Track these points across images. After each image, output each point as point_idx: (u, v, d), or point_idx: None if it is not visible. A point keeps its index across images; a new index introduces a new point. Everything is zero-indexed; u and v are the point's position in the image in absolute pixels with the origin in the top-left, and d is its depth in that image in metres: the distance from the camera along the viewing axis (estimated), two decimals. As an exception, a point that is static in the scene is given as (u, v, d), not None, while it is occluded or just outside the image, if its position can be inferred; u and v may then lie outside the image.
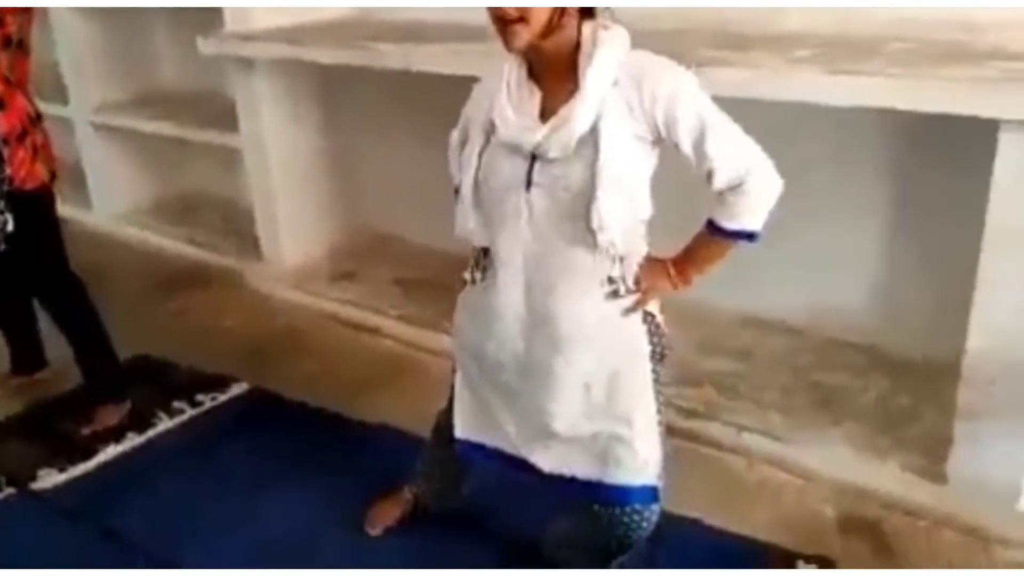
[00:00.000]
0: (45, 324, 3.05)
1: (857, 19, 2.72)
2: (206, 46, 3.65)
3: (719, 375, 2.94)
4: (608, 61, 1.63)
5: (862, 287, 3.00)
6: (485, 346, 1.89)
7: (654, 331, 1.85)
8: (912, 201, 2.82)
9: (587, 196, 1.64)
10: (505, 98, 1.73)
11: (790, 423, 2.70)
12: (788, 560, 2.25)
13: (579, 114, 1.63)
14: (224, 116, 3.95)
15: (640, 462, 1.87)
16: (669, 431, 2.63)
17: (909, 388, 2.79)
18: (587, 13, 1.68)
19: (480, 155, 1.78)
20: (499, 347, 1.87)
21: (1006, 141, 2.04)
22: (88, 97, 4.57)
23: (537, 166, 1.70)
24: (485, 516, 2.42)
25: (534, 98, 1.72)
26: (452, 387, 2.13)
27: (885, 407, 2.74)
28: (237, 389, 3.13)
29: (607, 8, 1.71)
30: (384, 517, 2.40)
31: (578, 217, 1.67)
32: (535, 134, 1.67)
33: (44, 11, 4.14)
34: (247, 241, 4.12)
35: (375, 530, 2.39)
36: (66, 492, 2.64)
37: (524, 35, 1.60)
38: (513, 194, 1.73)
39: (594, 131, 1.63)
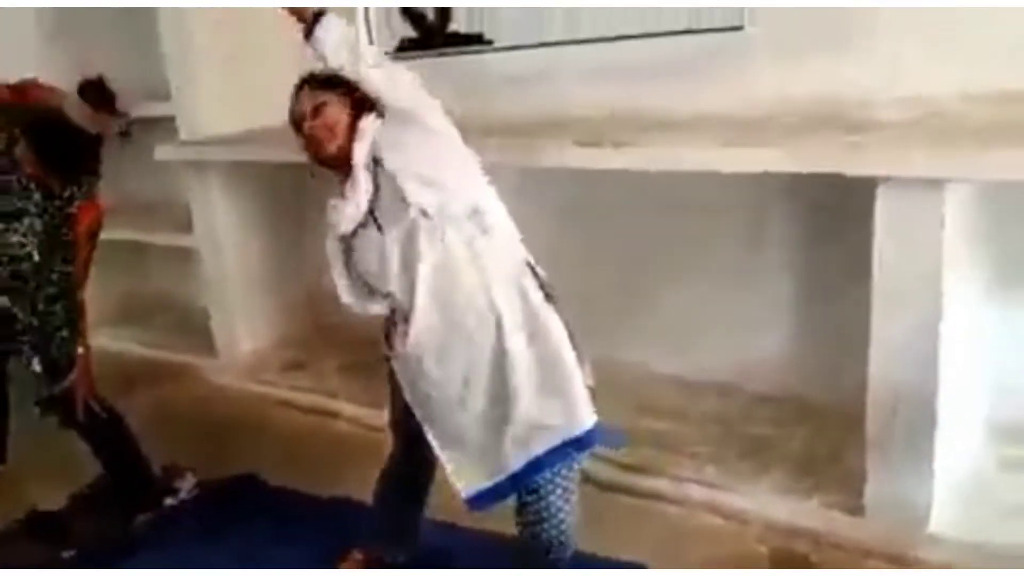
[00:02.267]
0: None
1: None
2: (162, 153, 3.88)
3: (657, 433, 3.13)
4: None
5: (781, 346, 3.25)
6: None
7: None
8: (816, 268, 3.12)
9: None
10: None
11: (723, 473, 2.91)
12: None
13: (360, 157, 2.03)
14: (179, 220, 4.14)
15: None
16: (615, 487, 2.87)
17: (827, 434, 3.01)
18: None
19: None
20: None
21: (882, 196, 2.32)
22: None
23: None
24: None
25: None
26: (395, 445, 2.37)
27: (807, 452, 2.96)
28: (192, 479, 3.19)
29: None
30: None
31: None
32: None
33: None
34: (202, 338, 4.25)
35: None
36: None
37: (337, 138, 2.01)
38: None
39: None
